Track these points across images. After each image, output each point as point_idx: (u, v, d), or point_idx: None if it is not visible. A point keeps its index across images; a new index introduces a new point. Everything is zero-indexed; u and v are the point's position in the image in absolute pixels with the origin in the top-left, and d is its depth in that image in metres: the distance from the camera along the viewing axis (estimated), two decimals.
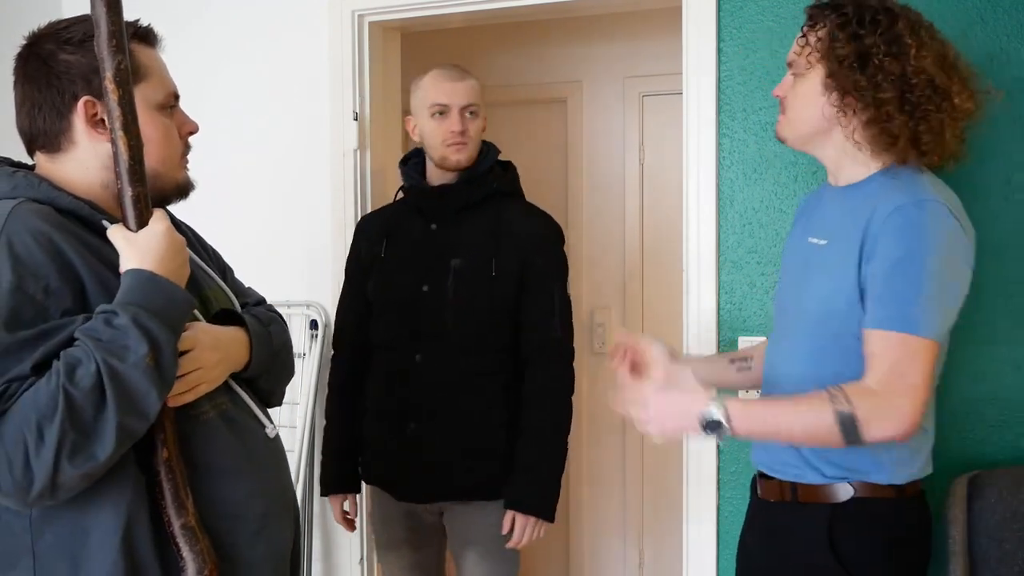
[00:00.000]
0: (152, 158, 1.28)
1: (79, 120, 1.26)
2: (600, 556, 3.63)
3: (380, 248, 2.19)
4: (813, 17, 1.57)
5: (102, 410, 1.12)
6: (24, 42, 1.30)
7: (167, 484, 1.22)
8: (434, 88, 2.15)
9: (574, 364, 2.19)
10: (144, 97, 1.29)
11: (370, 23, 2.51)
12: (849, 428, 1.38)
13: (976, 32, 1.92)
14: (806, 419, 1.41)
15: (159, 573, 1.23)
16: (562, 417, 2.15)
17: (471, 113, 2.16)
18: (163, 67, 1.36)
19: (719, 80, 2.11)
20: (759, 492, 1.68)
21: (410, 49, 2.88)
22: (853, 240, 1.48)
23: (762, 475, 1.68)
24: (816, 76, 1.54)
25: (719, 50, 2.10)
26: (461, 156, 2.15)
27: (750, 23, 2.09)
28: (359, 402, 2.23)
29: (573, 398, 2.17)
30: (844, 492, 1.53)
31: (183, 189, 1.38)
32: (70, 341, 1.14)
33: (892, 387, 1.40)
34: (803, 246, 1.64)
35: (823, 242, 1.58)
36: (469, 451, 2.11)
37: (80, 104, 1.25)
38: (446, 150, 2.14)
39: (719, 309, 2.13)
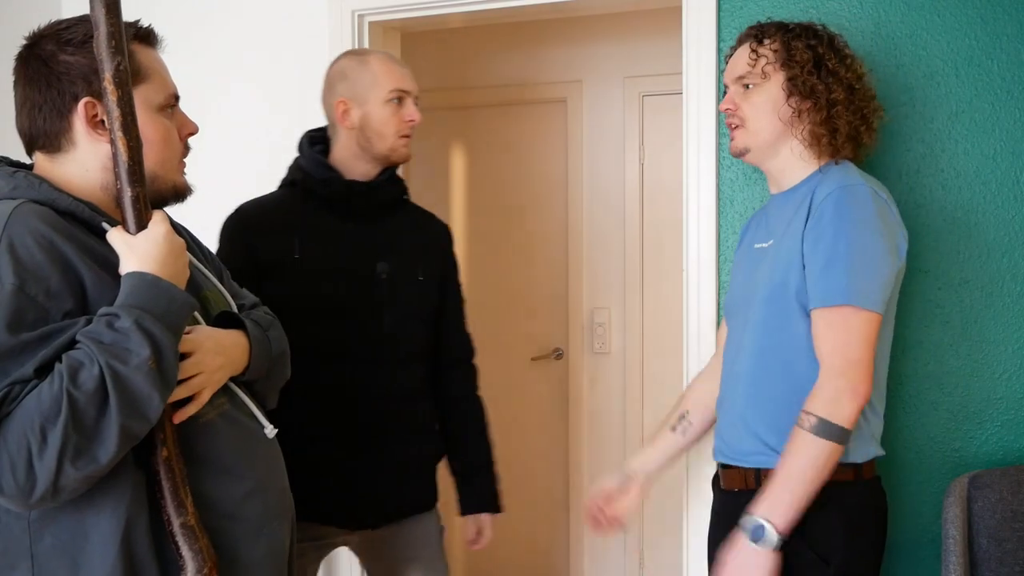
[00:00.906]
0: (151, 160, 1.28)
1: (79, 121, 1.26)
2: (600, 556, 3.63)
3: (291, 247, 1.88)
4: (759, 34, 1.71)
5: (105, 413, 1.12)
6: (24, 42, 1.30)
7: (167, 483, 1.22)
8: (392, 73, 1.95)
9: (566, 364, 2.18)
10: (144, 98, 1.29)
11: (370, 23, 2.51)
12: (832, 431, 1.50)
13: (976, 32, 1.92)
14: (805, 460, 1.51)
15: (158, 574, 1.22)
16: (486, 413, 2.16)
17: (416, 105, 2.00)
18: (163, 68, 1.36)
19: (719, 80, 2.11)
20: (722, 484, 1.74)
21: (410, 49, 2.88)
22: (796, 228, 1.60)
23: (723, 465, 1.73)
24: (774, 84, 1.67)
25: (719, 50, 2.10)
26: (408, 150, 2.00)
27: (750, 23, 2.08)
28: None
29: (573, 398, 2.18)
30: None
31: (180, 193, 1.37)
32: (72, 343, 1.14)
33: (836, 369, 1.52)
34: (750, 253, 1.76)
35: (768, 243, 1.69)
36: (419, 463, 2.01)
37: (80, 105, 1.25)
38: (398, 142, 1.96)
39: (719, 309, 2.13)
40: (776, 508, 1.50)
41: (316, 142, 2.01)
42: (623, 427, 3.56)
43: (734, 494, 1.68)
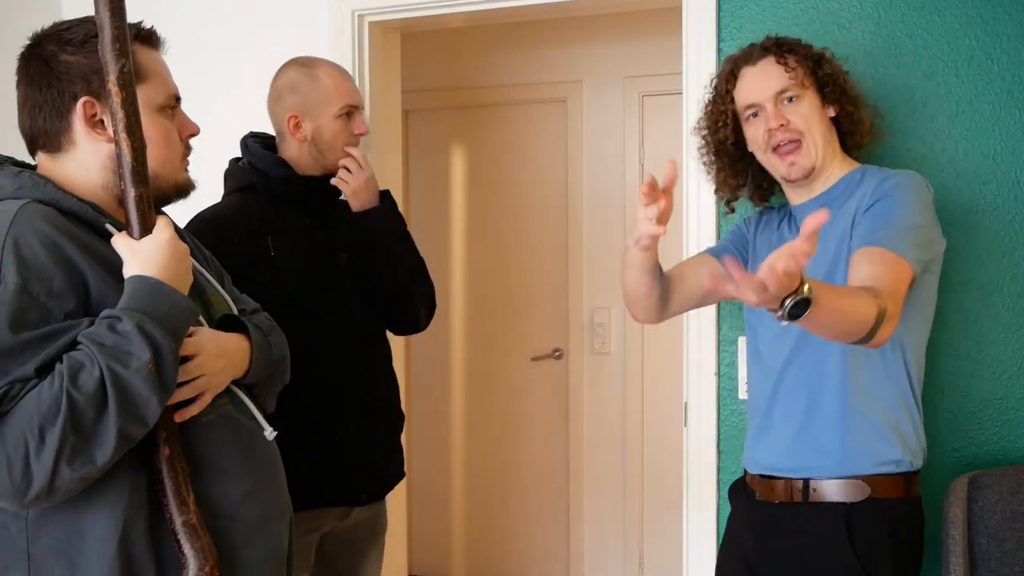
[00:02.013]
0: (152, 159, 1.29)
1: (78, 120, 1.27)
2: (600, 556, 3.63)
3: (264, 246, 1.94)
4: (777, 49, 1.67)
5: (103, 415, 1.12)
6: (27, 43, 1.31)
7: (169, 482, 1.22)
8: (342, 88, 2.03)
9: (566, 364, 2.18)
10: (145, 99, 1.30)
11: (370, 23, 2.51)
12: (876, 325, 1.39)
13: (976, 32, 1.92)
14: (858, 307, 1.38)
15: (155, 574, 1.23)
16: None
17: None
18: (165, 69, 1.37)
19: None
20: (758, 495, 1.68)
21: (410, 49, 2.88)
22: (844, 221, 1.58)
23: (764, 476, 1.68)
24: (812, 95, 1.66)
25: (719, 50, 2.10)
26: None
27: (750, 23, 2.09)
28: None
29: (573, 398, 2.19)
30: (861, 491, 1.56)
31: (183, 189, 1.39)
32: (73, 344, 1.15)
33: (891, 290, 1.44)
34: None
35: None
36: (395, 436, 2.18)
37: (79, 105, 1.26)
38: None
39: (719, 309, 2.13)
40: (823, 296, 1.30)
41: (263, 147, 2.09)
42: (623, 427, 3.56)
43: (773, 505, 1.65)
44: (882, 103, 1.96)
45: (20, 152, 1.36)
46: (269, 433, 1.40)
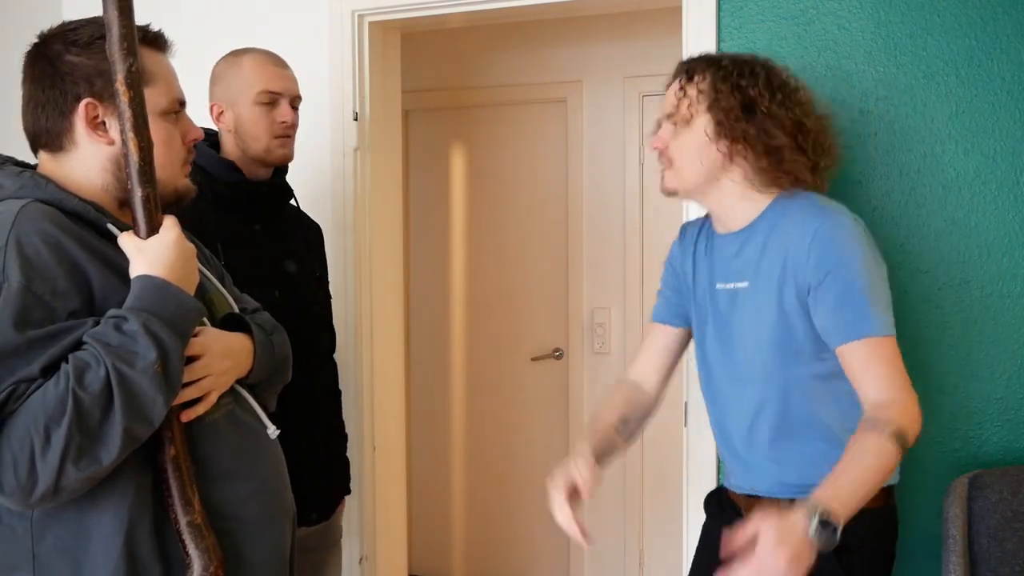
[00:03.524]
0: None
1: (80, 121, 1.27)
2: (600, 556, 3.63)
3: (215, 253, 1.78)
4: (690, 70, 1.62)
5: (109, 415, 1.12)
6: (34, 41, 1.31)
7: (174, 481, 1.22)
8: (261, 73, 1.93)
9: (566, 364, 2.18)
10: (148, 103, 1.29)
11: (370, 23, 2.51)
12: (905, 443, 1.41)
13: (976, 32, 1.92)
14: (880, 463, 1.40)
15: (160, 573, 1.23)
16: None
17: (294, 107, 1.99)
18: (170, 73, 1.37)
19: None
20: (743, 512, 1.66)
21: (410, 49, 2.88)
22: (772, 272, 1.55)
23: (748, 495, 1.66)
24: (700, 126, 1.59)
25: (719, 50, 2.10)
26: (288, 150, 1.98)
27: (750, 23, 2.09)
28: None
29: (573, 398, 2.18)
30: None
31: (182, 195, 1.38)
32: (78, 344, 1.15)
33: (900, 389, 1.46)
34: (713, 293, 1.67)
35: (743, 284, 1.61)
36: (344, 451, 2.17)
37: (82, 106, 1.26)
38: (272, 142, 1.94)
39: None
40: (848, 507, 1.33)
41: (209, 144, 1.99)
42: None
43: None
44: (882, 103, 1.96)
45: (21, 152, 1.36)
46: (272, 431, 1.40)
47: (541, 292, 3.67)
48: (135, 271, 1.21)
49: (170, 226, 1.27)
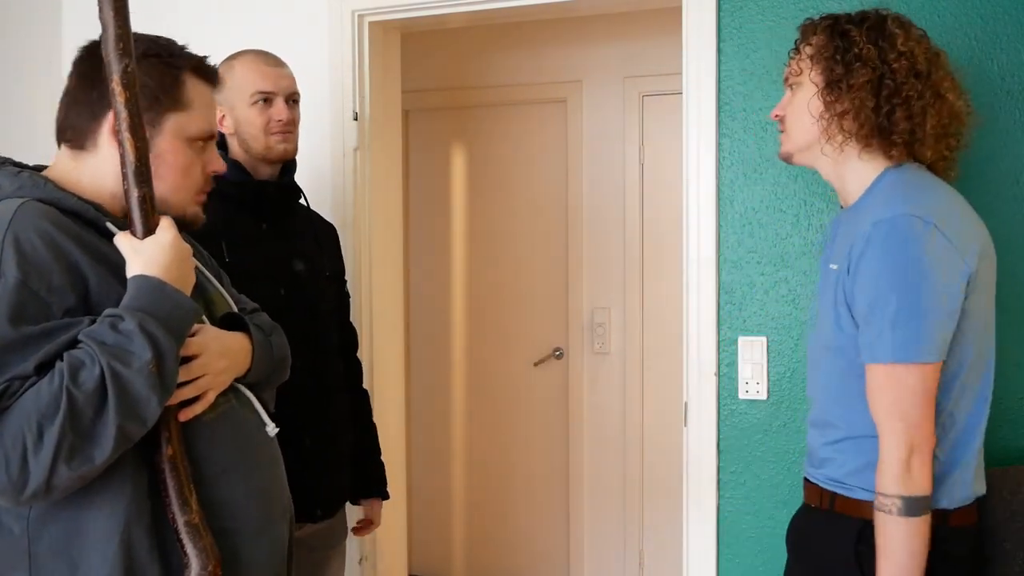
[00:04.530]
0: (165, 184, 1.31)
1: (106, 127, 1.28)
2: (600, 556, 3.63)
3: (220, 252, 1.83)
4: (805, 31, 1.59)
5: (102, 414, 1.12)
6: (92, 40, 1.31)
7: (171, 481, 1.22)
8: (254, 74, 1.96)
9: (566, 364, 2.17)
10: (177, 125, 1.31)
11: (370, 23, 2.51)
12: (918, 505, 1.38)
13: (976, 32, 1.92)
14: (905, 547, 1.38)
15: (158, 574, 1.22)
16: (370, 402, 2.28)
17: (294, 102, 2.00)
18: (209, 105, 1.38)
19: (719, 80, 2.11)
20: (804, 494, 1.67)
21: (410, 49, 2.88)
22: (843, 264, 1.48)
23: (805, 478, 1.67)
24: (807, 82, 1.55)
25: (719, 50, 2.10)
26: (288, 145, 1.99)
27: (750, 23, 2.09)
28: None
29: (573, 398, 2.18)
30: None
31: (189, 223, 1.38)
32: (73, 342, 1.15)
33: (897, 434, 1.40)
34: (824, 271, 1.62)
35: (835, 267, 1.54)
36: (350, 451, 2.13)
37: (111, 113, 1.27)
38: (270, 139, 1.95)
39: (719, 309, 2.13)
40: None
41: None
42: (623, 427, 3.56)
43: (810, 508, 1.62)
44: None
45: (22, 152, 1.36)
46: (271, 429, 1.40)
47: (541, 292, 3.67)
48: (131, 271, 1.22)
49: (166, 227, 1.27)
